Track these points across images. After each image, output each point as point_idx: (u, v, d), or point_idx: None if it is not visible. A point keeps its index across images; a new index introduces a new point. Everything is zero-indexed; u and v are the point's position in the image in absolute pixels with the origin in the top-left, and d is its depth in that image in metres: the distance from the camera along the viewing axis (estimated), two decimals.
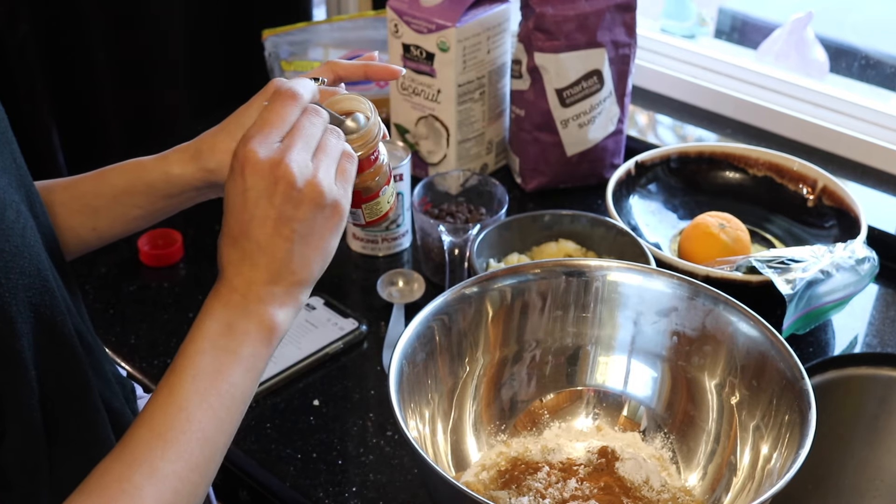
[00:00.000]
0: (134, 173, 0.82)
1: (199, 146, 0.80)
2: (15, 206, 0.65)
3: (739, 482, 0.83)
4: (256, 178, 0.62)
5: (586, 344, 0.92)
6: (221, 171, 0.78)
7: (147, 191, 0.82)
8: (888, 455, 1.11)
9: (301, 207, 0.63)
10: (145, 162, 0.82)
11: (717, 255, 1.12)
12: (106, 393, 0.75)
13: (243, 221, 0.63)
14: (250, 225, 0.63)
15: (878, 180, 1.34)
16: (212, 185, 0.81)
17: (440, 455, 0.85)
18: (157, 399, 0.64)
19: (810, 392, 0.77)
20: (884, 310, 1.15)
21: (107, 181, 0.83)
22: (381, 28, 1.42)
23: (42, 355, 0.65)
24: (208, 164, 0.79)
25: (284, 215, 0.63)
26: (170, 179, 0.80)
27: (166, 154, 0.81)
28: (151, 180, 0.81)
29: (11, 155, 0.71)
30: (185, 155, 0.80)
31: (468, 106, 1.28)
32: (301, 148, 0.64)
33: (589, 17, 1.22)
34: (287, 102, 0.65)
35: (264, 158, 0.62)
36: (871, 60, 1.51)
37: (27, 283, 0.64)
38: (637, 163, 1.25)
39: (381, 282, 1.14)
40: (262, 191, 0.62)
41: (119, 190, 0.82)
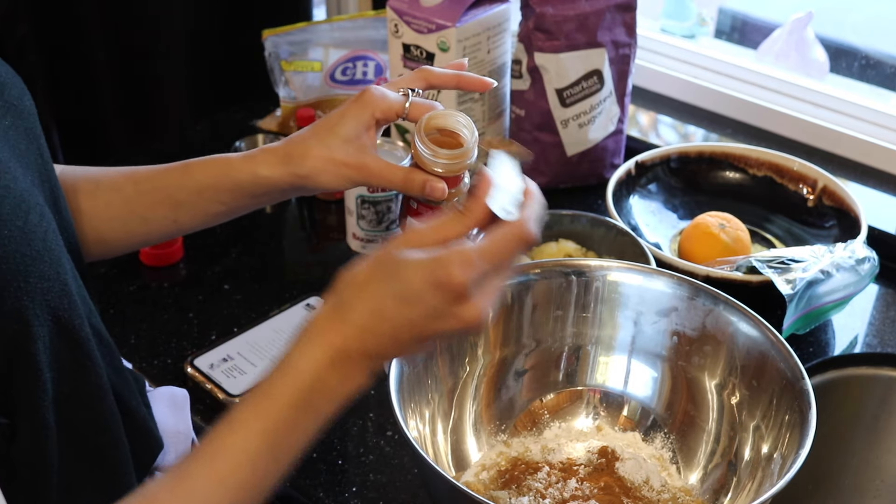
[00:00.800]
0: (221, 170, 0.82)
1: (290, 150, 0.80)
2: (39, 210, 0.65)
3: (739, 482, 0.83)
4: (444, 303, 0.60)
5: (586, 344, 0.92)
6: (313, 177, 0.79)
7: (233, 188, 0.82)
8: (888, 455, 1.11)
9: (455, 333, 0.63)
10: (232, 160, 0.82)
11: (718, 255, 1.12)
12: (124, 392, 0.75)
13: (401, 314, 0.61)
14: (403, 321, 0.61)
15: (878, 180, 1.34)
16: (299, 188, 0.82)
17: (440, 455, 0.85)
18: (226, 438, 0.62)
19: (810, 392, 0.77)
20: (884, 310, 1.15)
21: (192, 175, 0.83)
22: (381, 28, 1.42)
23: (58, 357, 0.65)
24: (299, 171, 0.79)
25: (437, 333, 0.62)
26: (257, 180, 0.81)
27: (254, 154, 0.82)
28: (239, 179, 0.81)
29: (38, 150, 0.72)
30: (275, 157, 0.80)
31: (468, 106, 1.28)
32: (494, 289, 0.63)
33: (589, 17, 1.22)
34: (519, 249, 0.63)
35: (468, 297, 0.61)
36: (871, 60, 1.51)
37: (46, 286, 0.64)
38: (637, 163, 1.25)
39: None
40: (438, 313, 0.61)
41: (204, 185, 0.82)
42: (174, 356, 1.06)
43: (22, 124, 0.71)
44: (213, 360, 1.04)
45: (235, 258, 1.22)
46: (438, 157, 0.76)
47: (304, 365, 0.62)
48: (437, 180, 0.76)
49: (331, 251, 1.24)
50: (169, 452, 0.82)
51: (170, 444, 0.82)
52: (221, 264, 1.21)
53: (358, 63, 1.43)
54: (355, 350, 0.62)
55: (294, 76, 1.41)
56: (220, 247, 1.23)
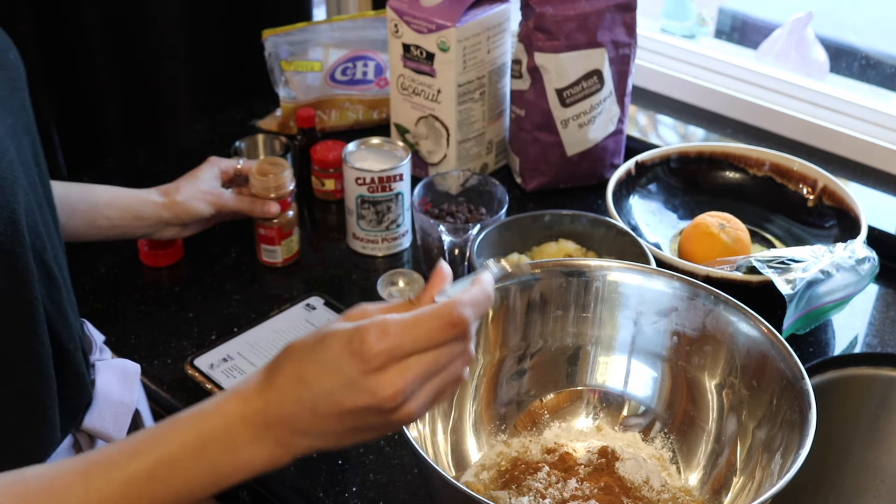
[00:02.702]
0: (120, 191, 1.07)
1: (169, 186, 1.10)
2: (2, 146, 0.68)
3: (739, 482, 0.83)
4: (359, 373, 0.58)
5: (586, 344, 0.92)
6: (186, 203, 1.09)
7: (124, 207, 1.06)
8: (888, 455, 1.11)
9: (385, 428, 0.61)
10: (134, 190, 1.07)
11: (718, 255, 1.12)
12: (62, 332, 0.76)
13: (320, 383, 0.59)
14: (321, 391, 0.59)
15: (878, 180, 1.34)
16: (175, 215, 1.09)
17: (440, 455, 0.85)
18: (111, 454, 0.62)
19: (810, 392, 0.77)
20: (884, 310, 1.15)
21: (94, 191, 1.05)
22: (381, 28, 1.42)
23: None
24: (176, 196, 1.09)
25: (366, 427, 0.61)
26: (142, 203, 1.07)
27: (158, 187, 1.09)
28: (130, 199, 1.07)
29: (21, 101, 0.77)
30: (157, 190, 1.09)
31: (468, 106, 1.28)
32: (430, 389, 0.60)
33: (589, 17, 1.22)
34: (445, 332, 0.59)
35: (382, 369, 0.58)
36: (871, 60, 1.51)
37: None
38: (637, 163, 1.25)
39: (381, 282, 1.14)
40: (353, 384, 0.58)
41: (103, 201, 1.05)
42: (174, 356, 1.06)
43: (5, 75, 0.74)
44: (213, 360, 1.04)
45: (235, 258, 1.22)
46: (267, 184, 1.13)
47: (214, 412, 0.61)
48: (270, 203, 1.14)
49: (331, 251, 1.24)
50: (107, 419, 0.83)
51: (110, 412, 0.84)
52: (221, 264, 1.21)
53: (358, 63, 1.43)
54: (272, 414, 0.60)
55: (294, 76, 1.41)
56: (220, 247, 1.23)
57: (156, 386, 1.03)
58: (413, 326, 0.58)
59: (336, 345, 0.59)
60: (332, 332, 0.60)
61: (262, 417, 0.60)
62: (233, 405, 0.61)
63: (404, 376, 0.58)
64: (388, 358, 0.58)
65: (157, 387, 1.03)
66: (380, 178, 1.17)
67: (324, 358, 0.59)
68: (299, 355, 0.61)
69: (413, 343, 0.58)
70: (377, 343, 0.58)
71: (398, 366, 0.58)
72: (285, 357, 0.61)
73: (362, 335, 0.58)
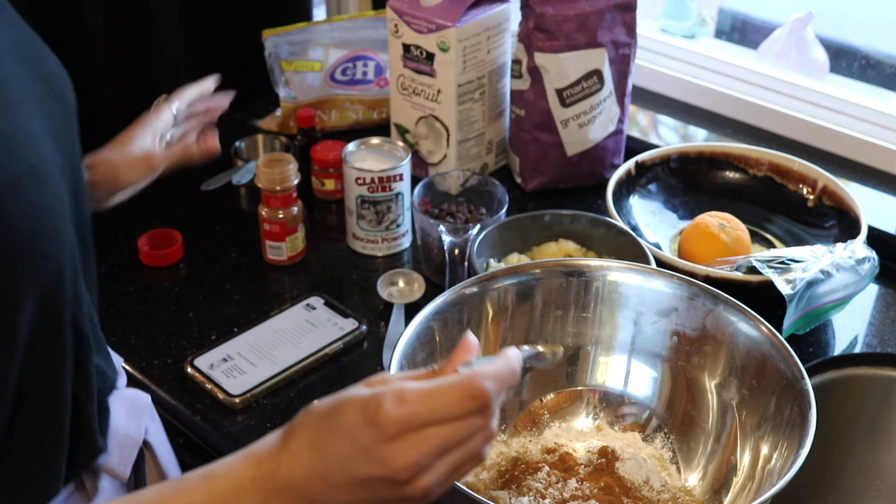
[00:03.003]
0: None
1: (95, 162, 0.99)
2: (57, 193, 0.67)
3: (739, 482, 0.83)
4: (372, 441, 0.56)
5: (586, 344, 0.92)
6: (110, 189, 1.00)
7: None
8: (888, 455, 1.11)
9: (383, 487, 0.57)
10: None
11: (718, 255, 1.12)
12: (81, 391, 0.75)
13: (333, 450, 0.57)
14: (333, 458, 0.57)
15: (878, 180, 1.34)
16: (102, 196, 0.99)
17: None
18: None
19: (810, 392, 0.77)
20: (884, 310, 1.15)
21: None
22: (381, 28, 1.42)
23: (34, 333, 0.66)
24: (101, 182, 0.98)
25: (378, 500, 0.57)
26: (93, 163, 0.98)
27: None
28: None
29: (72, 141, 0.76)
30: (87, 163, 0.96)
31: (468, 106, 1.28)
32: (446, 464, 0.57)
33: (589, 17, 1.22)
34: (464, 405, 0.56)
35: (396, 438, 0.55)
36: (871, 60, 1.51)
37: (42, 263, 0.65)
38: (637, 163, 1.25)
39: (381, 282, 1.14)
40: (367, 454, 0.56)
41: None
42: (174, 356, 1.06)
43: (63, 112, 0.75)
44: (213, 360, 1.04)
45: (235, 258, 1.22)
46: (272, 176, 1.13)
47: (224, 473, 0.60)
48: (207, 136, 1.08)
49: (331, 251, 1.24)
50: (112, 452, 0.82)
51: (116, 445, 0.83)
52: (221, 264, 1.21)
53: (358, 63, 1.43)
54: (283, 479, 0.58)
55: (294, 76, 1.41)
56: (220, 247, 1.23)
57: (156, 386, 1.03)
58: (431, 396, 0.56)
59: (352, 411, 0.56)
60: (349, 398, 0.57)
61: (272, 482, 0.58)
62: (244, 467, 0.59)
63: (419, 447, 0.55)
64: (403, 427, 0.55)
65: (157, 387, 1.03)
66: (380, 178, 1.17)
67: (339, 424, 0.57)
68: (316, 420, 0.58)
69: (430, 413, 0.56)
70: (393, 410, 0.55)
71: (414, 436, 0.55)
72: (302, 420, 0.59)
73: (378, 402, 0.55)
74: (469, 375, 0.57)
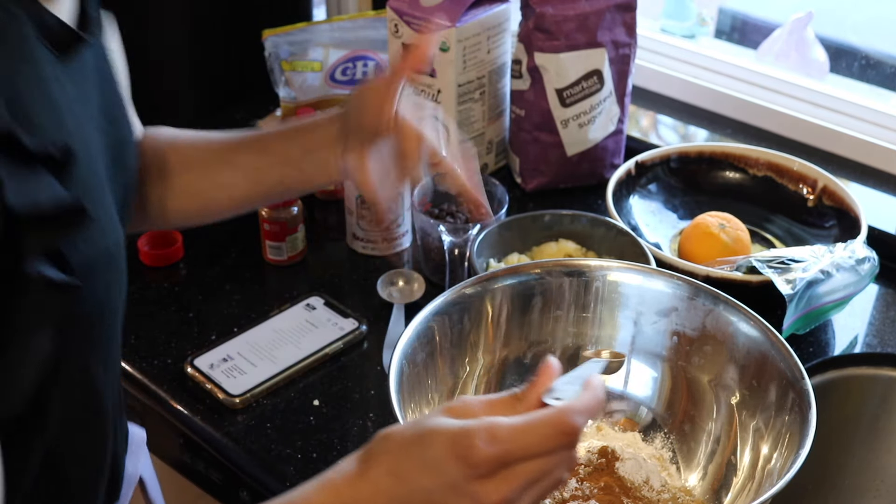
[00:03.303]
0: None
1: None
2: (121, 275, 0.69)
3: (739, 482, 0.83)
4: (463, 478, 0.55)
5: (586, 344, 0.92)
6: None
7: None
8: (888, 455, 1.11)
9: None
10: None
11: (717, 255, 1.12)
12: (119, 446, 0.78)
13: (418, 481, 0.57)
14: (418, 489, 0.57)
15: (878, 180, 1.34)
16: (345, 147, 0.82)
17: None
18: None
19: (810, 392, 0.77)
20: (884, 310, 1.15)
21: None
22: (381, 28, 1.42)
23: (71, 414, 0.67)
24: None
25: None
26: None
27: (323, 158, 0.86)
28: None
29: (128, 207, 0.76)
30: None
31: (468, 106, 1.28)
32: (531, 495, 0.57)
33: (589, 16, 1.22)
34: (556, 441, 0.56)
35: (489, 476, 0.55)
36: (871, 60, 1.51)
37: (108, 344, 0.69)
38: (637, 163, 1.25)
39: (381, 282, 1.14)
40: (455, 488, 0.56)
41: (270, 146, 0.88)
42: (174, 356, 1.06)
43: (127, 182, 0.75)
44: (213, 360, 1.04)
45: (235, 258, 1.22)
46: None
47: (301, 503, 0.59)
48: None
49: (331, 251, 1.24)
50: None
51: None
52: (221, 264, 1.21)
53: (358, 63, 1.43)
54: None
55: (294, 76, 1.41)
56: (220, 247, 1.23)
57: (156, 386, 1.03)
58: (524, 434, 0.55)
59: (440, 444, 0.56)
60: (434, 430, 0.57)
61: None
62: (323, 497, 0.59)
63: (510, 484, 0.55)
64: (496, 465, 0.55)
65: (157, 387, 1.03)
66: None
67: (425, 455, 0.56)
68: (398, 448, 0.58)
69: (523, 452, 0.55)
70: (486, 448, 0.54)
71: (504, 472, 0.55)
72: (380, 448, 0.59)
73: (470, 439, 0.55)
74: (561, 411, 0.57)
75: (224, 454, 0.97)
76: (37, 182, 0.55)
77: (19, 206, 0.53)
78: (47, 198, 0.56)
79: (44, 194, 0.55)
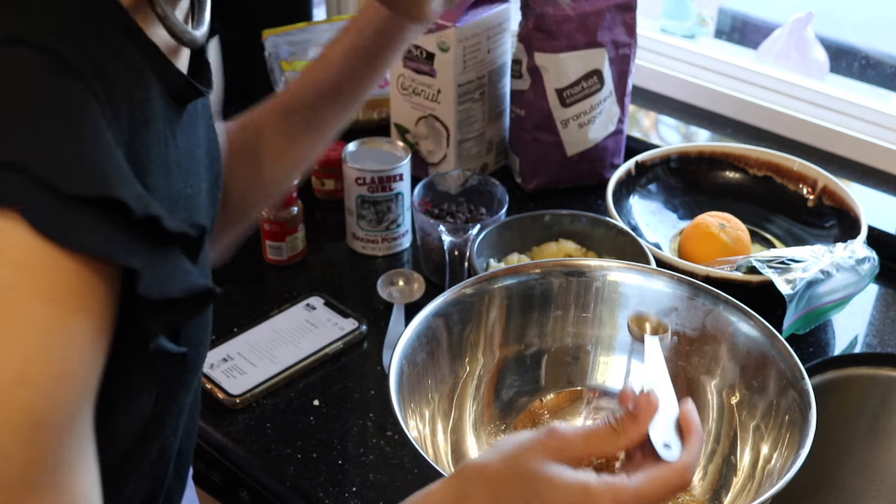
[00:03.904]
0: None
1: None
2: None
3: (739, 482, 0.83)
4: None
5: (586, 344, 0.92)
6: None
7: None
8: (888, 455, 1.11)
9: None
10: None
11: (717, 255, 1.12)
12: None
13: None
14: None
15: (878, 180, 1.34)
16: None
17: (440, 455, 0.85)
18: None
19: (810, 392, 0.77)
20: (884, 310, 1.15)
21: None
22: None
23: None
24: None
25: None
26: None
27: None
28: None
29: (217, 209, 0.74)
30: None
31: (468, 106, 1.28)
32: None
33: (589, 17, 1.22)
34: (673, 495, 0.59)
35: None
36: (871, 60, 1.51)
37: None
38: (637, 163, 1.25)
39: (381, 282, 1.14)
40: None
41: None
42: None
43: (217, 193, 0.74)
44: (213, 360, 1.04)
45: (235, 258, 1.22)
46: None
47: None
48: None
49: (331, 251, 1.24)
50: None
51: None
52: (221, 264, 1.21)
53: None
54: None
55: (294, 76, 1.41)
56: None
57: None
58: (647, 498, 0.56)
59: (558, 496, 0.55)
60: (550, 481, 0.56)
61: None
62: None
63: None
64: None
65: None
66: (380, 178, 1.17)
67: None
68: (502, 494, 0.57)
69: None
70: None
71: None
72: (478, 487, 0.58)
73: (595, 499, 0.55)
74: (682, 468, 0.58)
75: (224, 454, 0.97)
76: (172, 268, 0.52)
77: (152, 296, 0.50)
78: (180, 287, 0.52)
79: (177, 284, 0.52)
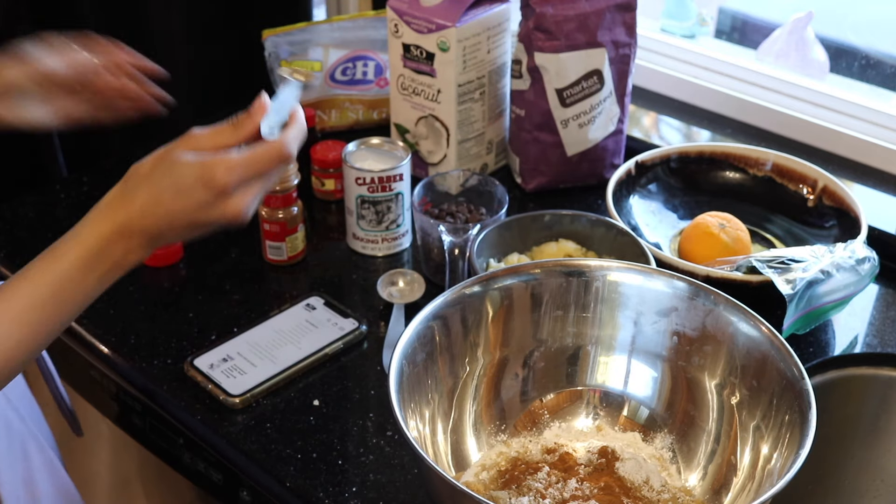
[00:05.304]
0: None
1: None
2: None
3: (739, 482, 0.83)
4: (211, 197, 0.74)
5: (586, 344, 0.92)
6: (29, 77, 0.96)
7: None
8: (888, 455, 1.11)
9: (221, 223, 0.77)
10: None
11: (718, 255, 1.12)
12: None
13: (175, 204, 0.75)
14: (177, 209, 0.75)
15: (878, 180, 1.34)
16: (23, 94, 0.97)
17: (440, 455, 0.85)
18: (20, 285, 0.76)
19: (810, 392, 0.77)
20: (884, 310, 1.15)
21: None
22: (381, 28, 1.42)
23: None
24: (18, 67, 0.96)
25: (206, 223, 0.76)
26: None
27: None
28: None
29: None
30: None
31: (468, 106, 1.28)
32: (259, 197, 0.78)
33: (589, 16, 1.22)
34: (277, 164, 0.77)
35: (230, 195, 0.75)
36: (871, 60, 1.51)
37: None
38: (637, 163, 1.25)
39: (381, 282, 1.14)
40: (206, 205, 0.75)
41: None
42: (174, 356, 1.06)
43: None
44: (213, 361, 1.04)
45: (235, 258, 1.22)
46: None
47: (89, 233, 0.75)
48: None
49: (331, 251, 1.24)
50: None
51: None
52: (221, 264, 1.21)
53: (358, 63, 1.43)
54: (137, 227, 0.75)
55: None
56: (220, 247, 1.23)
57: (156, 386, 1.03)
58: (254, 162, 0.75)
59: (189, 175, 0.74)
60: (181, 163, 0.75)
61: (128, 231, 0.75)
62: (104, 226, 0.75)
63: (245, 197, 0.75)
64: (235, 186, 0.74)
65: (156, 387, 1.03)
66: (380, 178, 1.17)
67: (178, 185, 0.74)
68: (153, 180, 0.75)
69: (254, 174, 0.75)
70: (226, 176, 0.74)
71: (242, 188, 0.75)
72: (136, 182, 0.76)
73: (213, 170, 0.74)
74: (280, 143, 0.76)
75: (224, 454, 0.97)
76: None
77: None
78: None
79: None
